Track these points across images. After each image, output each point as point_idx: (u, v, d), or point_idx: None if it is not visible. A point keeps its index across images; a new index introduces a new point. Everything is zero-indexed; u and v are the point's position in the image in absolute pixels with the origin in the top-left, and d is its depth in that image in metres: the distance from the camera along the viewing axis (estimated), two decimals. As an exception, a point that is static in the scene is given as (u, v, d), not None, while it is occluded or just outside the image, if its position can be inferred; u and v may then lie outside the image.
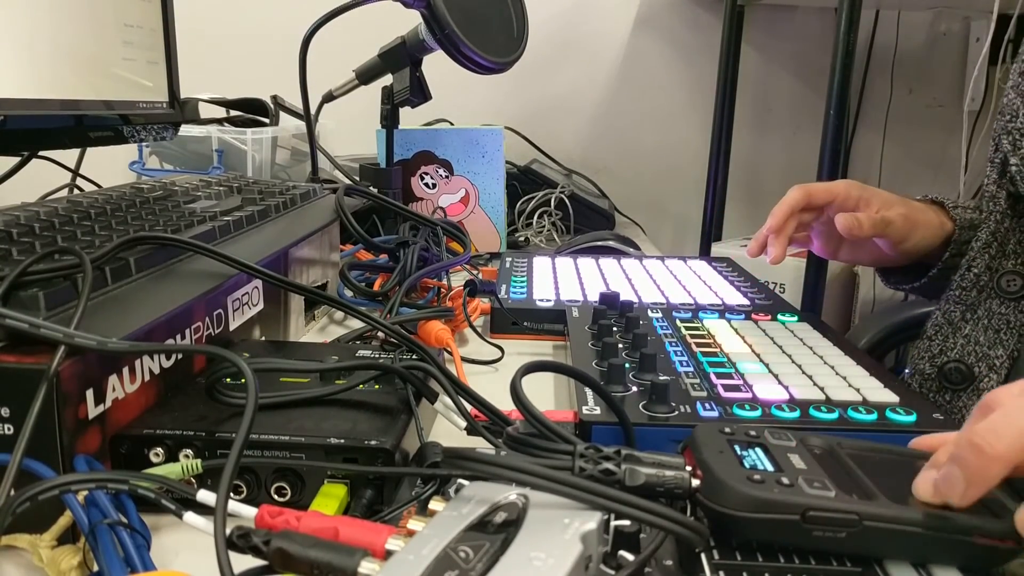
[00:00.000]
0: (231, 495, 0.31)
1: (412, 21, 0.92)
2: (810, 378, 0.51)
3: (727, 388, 0.49)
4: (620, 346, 0.56)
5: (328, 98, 1.03)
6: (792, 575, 0.30)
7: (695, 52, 1.66)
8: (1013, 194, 0.65)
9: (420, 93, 0.97)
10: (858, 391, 0.48)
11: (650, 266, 0.88)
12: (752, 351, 0.57)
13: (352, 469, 0.37)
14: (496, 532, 0.27)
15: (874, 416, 0.45)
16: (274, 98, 1.16)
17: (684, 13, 1.66)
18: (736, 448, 0.34)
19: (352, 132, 1.22)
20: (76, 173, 0.96)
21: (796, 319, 0.67)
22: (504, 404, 0.41)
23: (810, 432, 0.37)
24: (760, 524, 0.30)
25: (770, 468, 0.32)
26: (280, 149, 1.12)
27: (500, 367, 0.62)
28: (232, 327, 0.51)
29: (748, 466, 0.32)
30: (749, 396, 0.48)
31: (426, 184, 1.04)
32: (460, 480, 0.33)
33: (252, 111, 1.14)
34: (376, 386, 0.45)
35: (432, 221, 0.84)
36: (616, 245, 1.03)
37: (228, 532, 0.27)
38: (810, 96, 1.68)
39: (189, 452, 0.38)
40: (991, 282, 0.66)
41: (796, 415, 0.45)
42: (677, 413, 0.45)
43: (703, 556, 0.30)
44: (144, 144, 1.02)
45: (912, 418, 0.45)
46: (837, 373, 0.52)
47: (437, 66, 0.97)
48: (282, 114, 1.17)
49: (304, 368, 0.45)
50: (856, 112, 1.71)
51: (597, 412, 0.45)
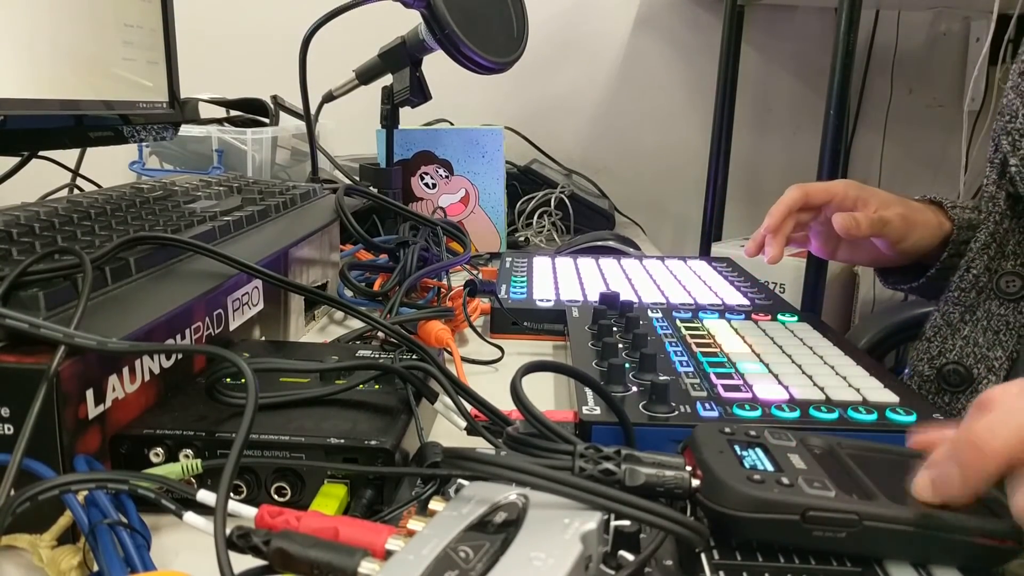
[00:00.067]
0: (231, 495, 0.31)
1: (412, 21, 0.92)
2: (810, 378, 0.51)
3: (727, 388, 0.49)
4: (620, 346, 0.56)
5: (328, 98, 1.03)
6: (792, 575, 0.30)
7: (695, 52, 1.66)
8: (1013, 195, 0.65)
9: (420, 93, 0.97)
10: (858, 391, 0.48)
11: (650, 266, 0.88)
12: (752, 351, 0.57)
13: (352, 469, 0.37)
14: (496, 532, 0.27)
15: (874, 416, 0.45)
16: (274, 98, 1.16)
17: (684, 13, 1.66)
18: (736, 448, 0.34)
19: (352, 132, 1.22)
20: (76, 173, 0.96)
21: (796, 319, 0.67)
22: (504, 404, 0.41)
23: (810, 432, 0.37)
24: (760, 524, 0.30)
25: (770, 468, 0.32)
26: (280, 149, 1.12)
27: (500, 367, 0.62)
28: (232, 327, 0.51)
29: (748, 466, 0.32)
30: (749, 396, 0.48)
31: (426, 184, 1.04)
32: (460, 480, 0.33)
33: (252, 111, 1.14)
34: (376, 386, 0.45)
35: (432, 221, 0.84)
36: (616, 245, 1.03)
37: (228, 532, 0.27)
38: (810, 96, 1.68)
39: (189, 452, 0.38)
40: (990, 283, 0.66)
41: (796, 415, 0.45)
42: (677, 413, 0.45)
43: (703, 556, 0.30)
44: (144, 144, 1.02)
45: (912, 418, 0.45)
46: (837, 373, 0.52)
47: (437, 66, 0.97)
48: (282, 114, 1.17)
49: (304, 368, 0.45)
50: (856, 112, 1.71)
51: (597, 412, 0.45)
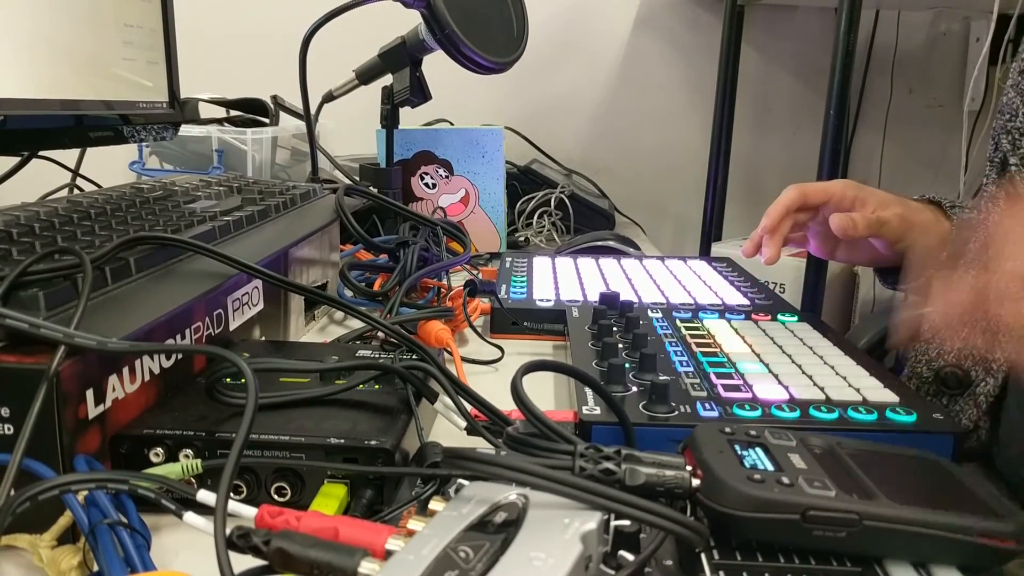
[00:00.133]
0: (231, 495, 0.31)
1: (412, 21, 0.92)
2: (810, 378, 0.51)
3: (727, 388, 0.49)
4: (620, 346, 0.56)
5: (328, 98, 1.03)
6: (792, 575, 0.30)
7: (695, 52, 1.66)
8: (1013, 194, 0.65)
9: (420, 93, 0.97)
10: (858, 391, 0.48)
11: (650, 266, 0.88)
12: (752, 351, 0.57)
13: (352, 469, 0.37)
14: (496, 532, 0.27)
15: (874, 416, 0.45)
16: (274, 98, 1.16)
17: (684, 13, 1.66)
18: (736, 448, 0.34)
19: (352, 132, 1.22)
20: (76, 173, 0.96)
21: (796, 319, 0.67)
22: (504, 404, 0.41)
23: (810, 432, 0.37)
24: (760, 524, 0.30)
25: (770, 468, 0.32)
26: (280, 149, 1.12)
27: (500, 367, 0.62)
28: (232, 327, 0.51)
29: (748, 466, 0.32)
30: (749, 396, 0.48)
31: (426, 184, 1.04)
32: (460, 480, 0.33)
33: (252, 111, 1.14)
34: (376, 386, 0.45)
35: (432, 221, 0.84)
36: (616, 245, 1.03)
37: (228, 532, 0.27)
38: (810, 96, 1.68)
39: (189, 452, 0.38)
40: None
41: (796, 415, 0.45)
42: (677, 413, 0.45)
43: (703, 556, 0.30)
44: (144, 144, 1.02)
45: (912, 418, 0.45)
46: (837, 373, 0.52)
47: (437, 66, 0.97)
48: (282, 114, 1.17)
49: (304, 368, 0.45)
50: (856, 112, 1.71)
51: (597, 412, 0.45)
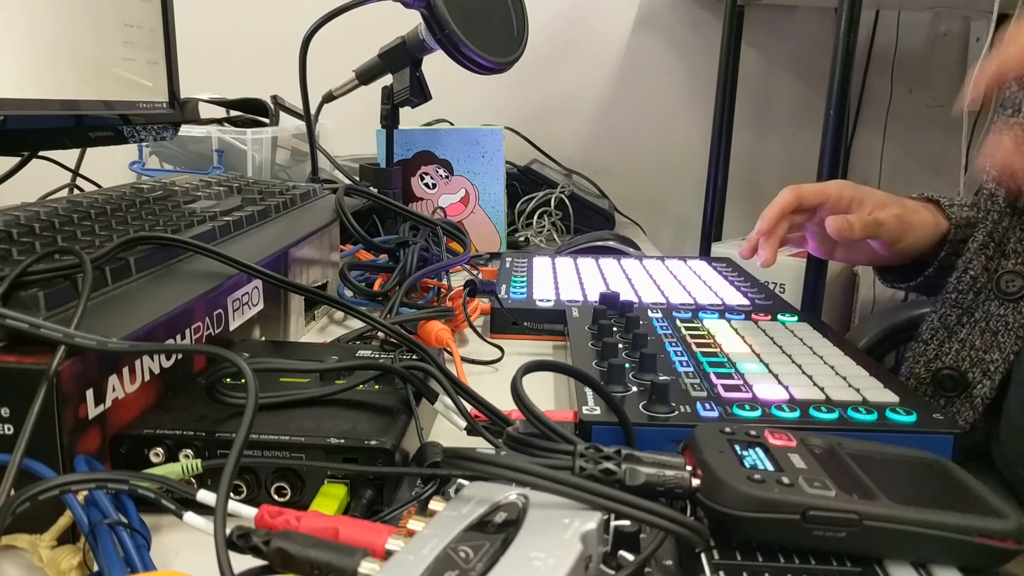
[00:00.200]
0: (231, 495, 0.31)
1: (412, 21, 0.92)
2: (810, 378, 0.51)
3: (727, 388, 0.49)
4: (620, 346, 0.56)
5: (328, 98, 1.03)
6: (792, 575, 0.30)
7: (695, 52, 1.66)
8: (1016, 191, 0.65)
9: (420, 93, 0.97)
10: (858, 391, 0.48)
11: (650, 266, 0.88)
12: (752, 351, 0.57)
13: (352, 469, 0.37)
14: (496, 532, 0.27)
15: (874, 416, 0.45)
16: (274, 98, 1.16)
17: (684, 13, 1.66)
18: (736, 448, 0.34)
19: (352, 132, 1.22)
20: (76, 173, 0.96)
21: (796, 319, 0.67)
22: (504, 404, 0.41)
23: (810, 432, 0.37)
24: (760, 524, 0.30)
25: (770, 468, 0.32)
26: (280, 149, 1.12)
27: (500, 367, 0.62)
28: (232, 327, 0.51)
29: (748, 466, 0.32)
30: (749, 396, 0.48)
31: (426, 184, 1.04)
32: (460, 480, 0.33)
33: (252, 111, 1.13)
34: (376, 386, 0.45)
35: (432, 221, 0.84)
36: (616, 245, 1.03)
37: (228, 532, 0.27)
38: (810, 96, 1.68)
39: (189, 452, 0.38)
40: (989, 283, 0.65)
41: (796, 415, 0.45)
42: (677, 413, 0.45)
43: (703, 556, 0.30)
44: (144, 144, 1.02)
45: (912, 418, 0.45)
46: (837, 373, 0.52)
47: (437, 66, 0.97)
48: (282, 114, 1.17)
49: (304, 368, 0.45)
50: (856, 112, 1.71)
51: (597, 412, 0.45)
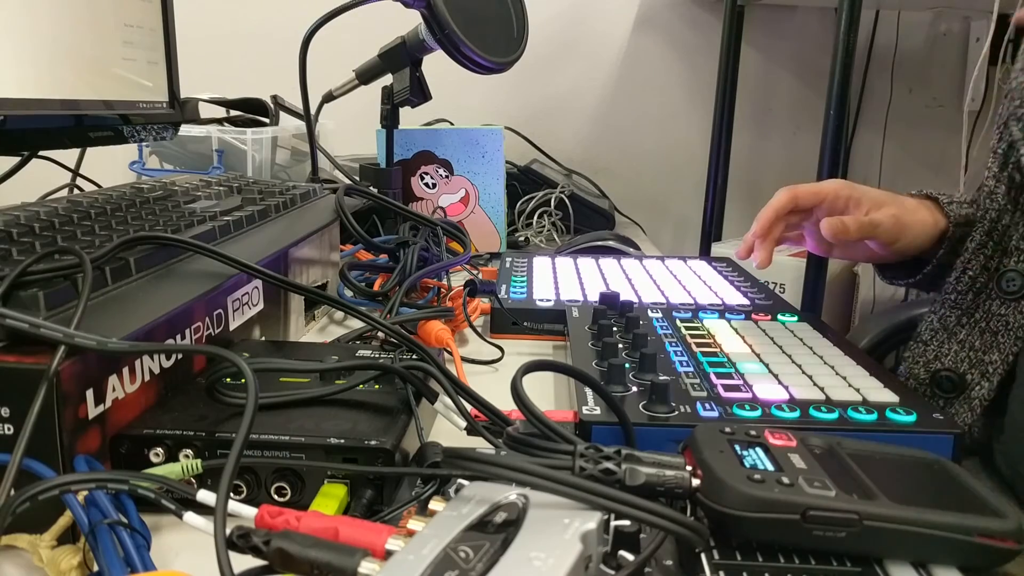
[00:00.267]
0: (231, 495, 0.31)
1: (412, 21, 0.92)
2: (810, 378, 0.51)
3: (727, 388, 0.49)
4: (620, 346, 0.56)
5: (328, 98, 1.03)
6: (792, 575, 0.30)
7: (695, 52, 1.66)
8: (1019, 184, 0.63)
9: (420, 93, 0.97)
10: (858, 391, 0.48)
11: (650, 266, 0.88)
12: (752, 351, 0.57)
13: (352, 469, 0.37)
14: (496, 532, 0.27)
15: (874, 416, 0.45)
16: (274, 98, 1.16)
17: (684, 13, 1.66)
18: (736, 448, 0.34)
19: (352, 132, 1.22)
20: (76, 173, 0.96)
21: (796, 319, 0.67)
22: (504, 404, 0.41)
23: (810, 432, 0.37)
24: (760, 524, 0.30)
25: (770, 468, 0.32)
26: (280, 149, 1.12)
27: (500, 367, 0.62)
28: (232, 327, 0.51)
29: (748, 466, 0.32)
30: (749, 396, 0.48)
31: (426, 184, 1.04)
32: (460, 480, 0.33)
33: (252, 111, 1.13)
34: (376, 386, 0.45)
35: (432, 221, 0.84)
36: (616, 245, 1.03)
37: (228, 532, 0.27)
38: (810, 96, 1.68)
39: (189, 452, 0.38)
40: (990, 282, 0.65)
41: (796, 415, 0.45)
42: (677, 413, 0.45)
43: (703, 556, 0.30)
44: (144, 144, 1.02)
45: (912, 418, 0.45)
46: (837, 373, 0.52)
47: (437, 66, 0.97)
48: (282, 114, 1.17)
49: (304, 368, 0.45)
50: (856, 112, 1.71)
51: (597, 412, 0.45)
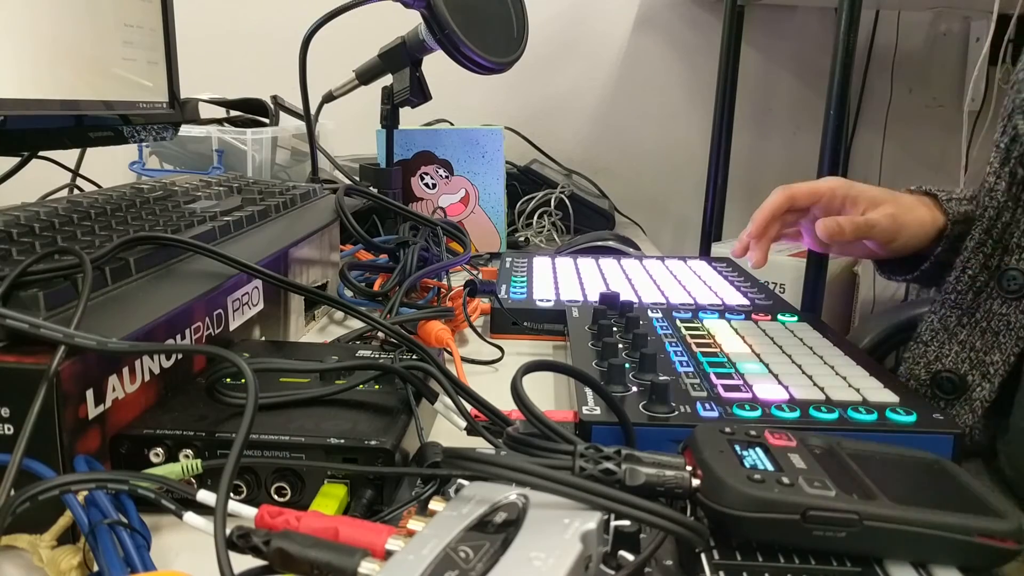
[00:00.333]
0: (231, 495, 0.31)
1: (412, 21, 0.92)
2: (810, 378, 0.51)
3: (727, 388, 0.49)
4: (620, 346, 0.56)
5: (328, 98, 1.03)
6: (792, 575, 0.30)
7: (695, 52, 1.66)
8: (1021, 180, 0.63)
9: (420, 93, 0.97)
10: (858, 391, 0.48)
11: (650, 266, 0.88)
12: (752, 351, 0.57)
13: (352, 469, 0.37)
14: (496, 532, 0.27)
15: (874, 416, 0.45)
16: (274, 98, 1.16)
17: (684, 13, 1.66)
18: (736, 448, 0.34)
19: (352, 132, 1.22)
20: (76, 173, 0.96)
21: (796, 319, 0.67)
22: (504, 404, 0.41)
23: (810, 432, 0.37)
24: (760, 524, 0.30)
25: (770, 468, 0.32)
26: (280, 149, 1.12)
27: (500, 367, 0.62)
28: (232, 327, 0.51)
29: (748, 466, 0.32)
30: (749, 396, 0.48)
31: (426, 184, 1.04)
32: (460, 480, 0.33)
33: (252, 111, 1.14)
34: (376, 386, 0.45)
35: (432, 221, 0.84)
36: (616, 245, 1.03)
37: (228, 532, 0.27)
38: (810, 96, 1.68)
39: (189, 452, 0.38)
40: (990, 282, 0.65)
41: (796, 415, 0.45)
42: (677, 413, 0.45)
43: (703, 556, 0.30)
44: (144, 144, 1.02)
45: (912, 418, 0.45)
46: (837, 373, 0.52)
47: (437, 66, 0.97)
48: (282, 114, 1.17)
49: (304, 368, 0.45)
50: (856, 112, 1.71)
51: (597, 412, 0.45)
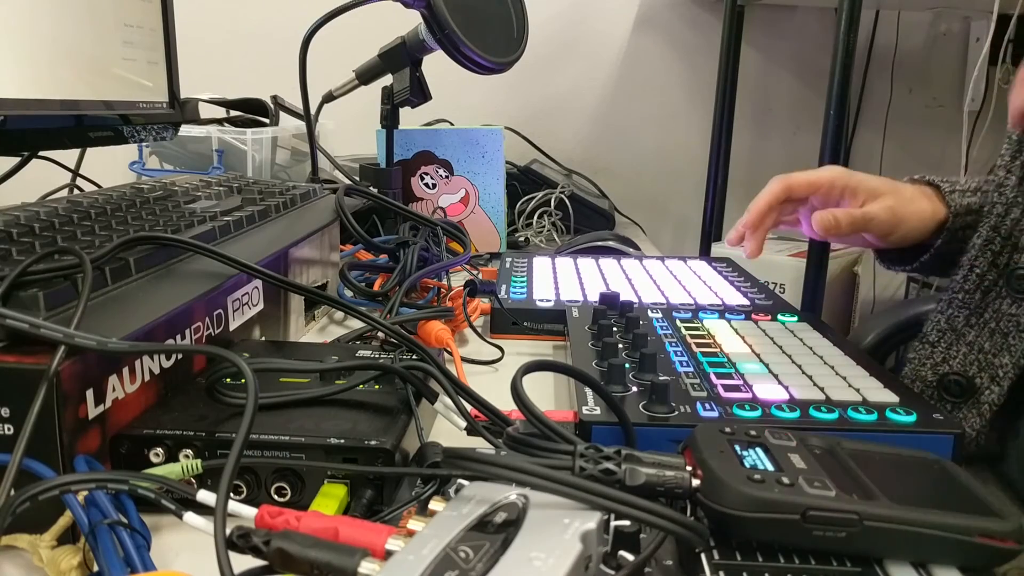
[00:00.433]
0: (231, 495, 0.31)
1: (412, 21, 0.92)
2: (810, 378, 0.51)
3: (727, 388, 0.49)
4: (620, 346, 0.56)
5: (328, 98, 1.03)
6: (792, 575, 0.30)
7: (695, 52, 1.66)
8: None
9: (420, 93, 0.97)
10: (858, 391, 0.48)
11: (650, 266, 0.88)
12: (752, 351, 0.57)
13: (352, 469, 0.37)
14: (496, 532, 0.27)
15: (874, 416, 0.45)
16: (274, 98, 1.16)
17: (684, 13, 1.66)
18: (736, 448, 0.34)
19: (352, 132, 1.22)
20: (76, 173, 0.96)
21: (796, 319, 0.67)
22: (504, 404, 0.41)
23: (810, 432, 0.37)
24: (760, 524, 0.30)
25: (770, 468, 0.32)
26: (280, 149, 1.12)
27: (500, 367, 0.62)
28: (232, 327, 0.51)
29: (748, 466, 0.32)
30: (749, 396, 0.48)
31: (426, 184, 1.04)
32: (460, 480, 0.33)
33: (252, 111, 1.14)
34: (376, 386, 0.45)
35: (432, 221, 0.84)
36: (616, 245, 1.03)
37: (228, 532, 0.27)
38: (810, 96, 1.68)
39: (189, 452, 0.38)
40: (999, 281, 0.63)
41: (796, 415, 0.45)
42: (677, 413, 0.45)
43: (703, 556, 0.30)
44: (144, 144, 1.02)
45: (912, 418, 0.45)
46: (837, 373, 0.52)
47: (437, 66, 0.97)
48: (282, 114, 1.17)
49: (304, 368, 0.45)
50: (856, 112, 1.71)
51: (597, 412, 0.45)
